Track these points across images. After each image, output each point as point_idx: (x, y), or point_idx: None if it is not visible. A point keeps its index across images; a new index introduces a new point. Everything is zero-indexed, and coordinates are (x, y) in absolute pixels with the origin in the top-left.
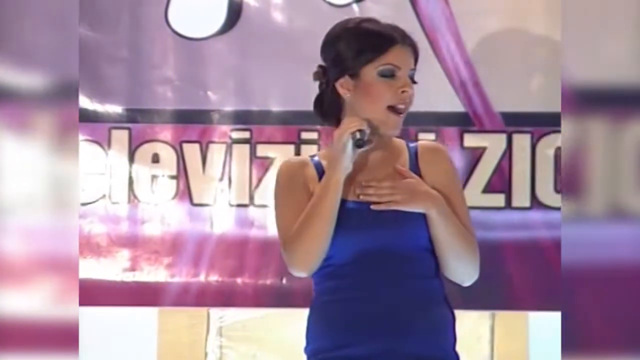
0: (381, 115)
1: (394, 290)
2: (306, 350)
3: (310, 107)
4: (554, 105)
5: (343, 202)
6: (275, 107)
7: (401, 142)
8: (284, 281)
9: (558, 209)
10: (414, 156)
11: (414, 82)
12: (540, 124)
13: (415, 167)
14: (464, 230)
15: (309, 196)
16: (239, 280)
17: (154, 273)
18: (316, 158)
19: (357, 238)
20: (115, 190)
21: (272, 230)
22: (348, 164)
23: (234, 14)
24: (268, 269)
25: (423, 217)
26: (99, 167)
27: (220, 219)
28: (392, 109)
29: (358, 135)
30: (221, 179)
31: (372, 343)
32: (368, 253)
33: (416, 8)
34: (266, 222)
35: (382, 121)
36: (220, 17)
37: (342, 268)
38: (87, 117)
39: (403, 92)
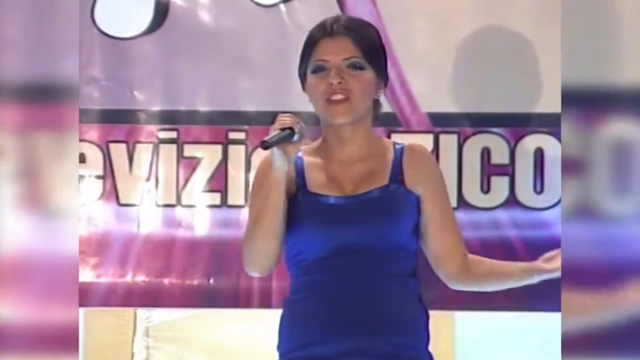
0: (323, 110)
1: (367, 288)
2: (278, 349)
3: (237, 107)
4: (480, 106)
5: (320, 197)
6: (203, 107)
7: (388, 142)
8: (211, 281)
9: (484, 209)
10: (399, 156)
11: (360, 68)
12: (467, 124)
13: (398, 167)
14: None
15: None
16: (165, 281)
17: (80, 273)
18: (299, 153)
19: (332, 233)
20: None
21: (199, 231)
22: (279, 162)
23: (161, 13)
24: (195, 269)
25: (404, 217)
26: None
27: (147, 219)
28: (328, 101)
29: (267, 137)
30: (148, 179)
31: (343, 341)
32: (343, 249)
33: (343, 9)
34: (193, 222)
35: (325, 115)
36: (147, 16)
37: (316, 264)
38: None
39: (332, 84)
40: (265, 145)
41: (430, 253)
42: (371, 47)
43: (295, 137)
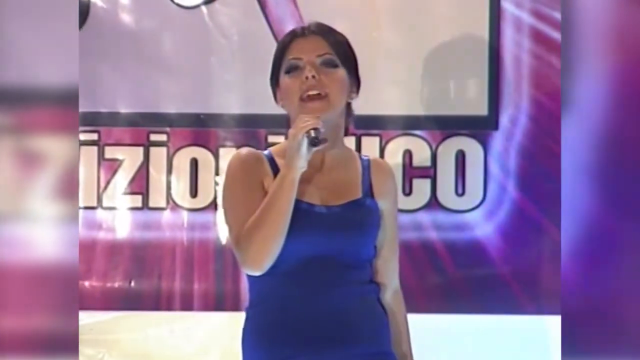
0: (297, 109)
1: (340, 300)
2: None
3: (158, 108)
4: (402, 108)
5: (301, 203)
6: (124, 109)
7: (355, 152)
8: (132, 284)
9: (406, 211)
10: (367, 168)
11: (334, 66)
12: (389, 127)
13: (368, 180)
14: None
15: (264, 192)
16: (86, 283)
17: None
18: (267, 153)
19: (304, 240)
20: None
21: (120, 233)
22: (303, 163)
23: (81, 14)
24: (116, 271)
25: (374, 230)
26: None
27: None
28: (303, 99)
29: (313, 134)
30: None
31: (312, 354)
32: (318, 259)
33: (265, 11)
34: (114, 225)
35: (300, 113)
36: None
37: (290, 272)
38: None
39: (307, 78)
40: (315, 142)
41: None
42: (343, 48)
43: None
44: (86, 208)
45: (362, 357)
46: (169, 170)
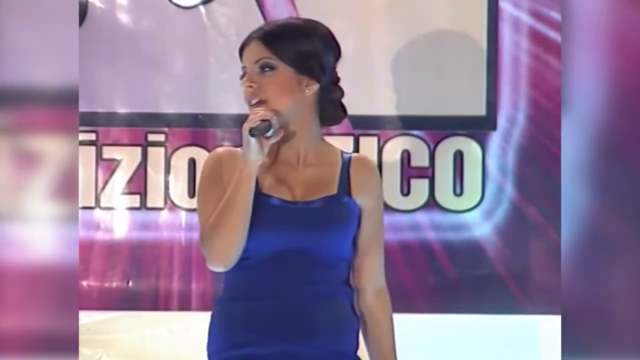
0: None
1: (307, 294)
2: (208, 346)
3: (156, 108)
4: (400, 108)
5: (271, 198)
6: (122, 109)
7: (337, 150)
8: (130, 284)
9: (404, 211)
10: (347, 165)
11: (271, 68)
12: (387, 127)
13: (346, 177)
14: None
15: None
16: (84, 283)
17: None
18: None
19: (280, 237)
20: None
21: (118, 233)
22: (256, 155)
23: (79, 14)
24: (114, 271)
25: (349, 228)
26: None
27: None
28: (251, 106)
29: (253, 125)
30: None
31: (279, 344)
32: (287, 253)
33: (263, 10)
34: (112, 225)
35: None
36: None
37: (259, 264)
38: None
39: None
40: (254, 133)
41: (353, 267)
42: (288, 45)
43: (271, 132)
44: (84, 208)
45: (319, 357)
46: (167, 170)
